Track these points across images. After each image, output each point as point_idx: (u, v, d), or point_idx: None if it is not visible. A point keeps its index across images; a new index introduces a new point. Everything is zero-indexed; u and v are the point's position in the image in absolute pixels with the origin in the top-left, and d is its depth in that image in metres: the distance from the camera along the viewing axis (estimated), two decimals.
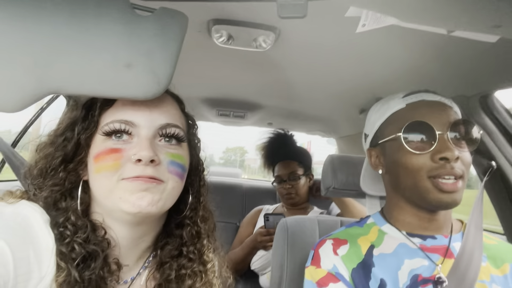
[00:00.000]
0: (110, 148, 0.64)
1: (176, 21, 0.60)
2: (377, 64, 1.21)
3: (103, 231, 0.66)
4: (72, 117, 0.69)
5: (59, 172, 0.66)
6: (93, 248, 0.63)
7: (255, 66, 1.40)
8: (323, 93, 1.69)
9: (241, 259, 1.90)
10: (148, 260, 0.76)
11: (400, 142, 0.84)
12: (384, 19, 0.79)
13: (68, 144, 0.67)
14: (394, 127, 0.87)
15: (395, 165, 0.87)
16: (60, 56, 0.54)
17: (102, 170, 0.63)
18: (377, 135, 0.94)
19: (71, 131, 0.68)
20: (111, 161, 0.63)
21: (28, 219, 0.59)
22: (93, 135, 0.67)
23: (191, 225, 0.77)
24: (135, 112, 0.66)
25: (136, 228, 0.69)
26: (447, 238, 0.87)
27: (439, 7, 0.63)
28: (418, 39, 0.96)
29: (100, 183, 0.64)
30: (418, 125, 0.83)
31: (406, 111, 0.88)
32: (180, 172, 0.68)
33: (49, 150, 0.68)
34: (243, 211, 2.50)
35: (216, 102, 2.06)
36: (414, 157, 0.82)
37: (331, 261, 0.89)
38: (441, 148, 0.80)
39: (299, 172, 2.03)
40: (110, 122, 0.65)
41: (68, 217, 0.64)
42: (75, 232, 0.62)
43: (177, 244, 0.75)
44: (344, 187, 1.25)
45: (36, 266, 0.56)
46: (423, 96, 0.89)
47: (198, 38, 1.14)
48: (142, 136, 0.65)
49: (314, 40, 1.08)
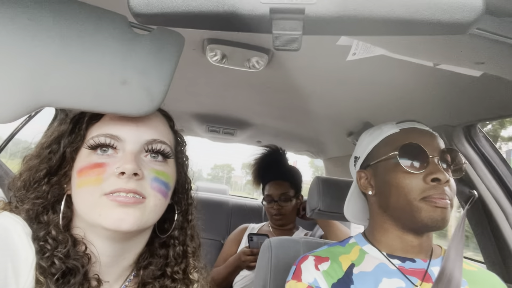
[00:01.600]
0: (94, 163, 0.63)
1: (173, 41, 0.61)
2: (366, 90, 1.24)
3: (84, 246, 0.65)
4: (60, 131, 0.69)
5: (42, 185, 0.66)
6: (73, 264, 0.61)
7: (247, 85, 1.42)
8: (313, 115, 1.72)
9: (224, 278, 1.87)
10: (129, 278, 0.74)
11: (394, 162, 0.88)
12: (373, 49, 0.82)
13: (53, 157, 0.67)
14: (388, 148, 0.91)
15: (387, 185, 0.89)
16: (56, 69, 0.55)
17: (84, 185, 0.63)
18: (369, 157, 0.98)
19: (57, 144, 0.67)
20: (94, 176, 0.62)
21: (8, 231, 0.58)
22: (79, 149, 0.67)
23: (178, 244, 0.76)
24: (122, 127, 0.65)
25: (117, 245, 0.67)
26: (425, 262, 0.89)
27: (425, 42, 0.67)
28: (406, 69, 1.00)
29: (82, 197, 0.63)
30: (413, 147, 0.87)
31: (400, 134, 0.92)
32: (163, 189, 0.67)
33: (34, 162, 0.67)
34: (228, 228, 2.48)
35: (206, 118, 2.07)
36: (407, 177, 0.85)
37: (312, 275, 0.90)
38: (433, 170, 0.84)
39: (290, 194, 2.00)
40: (95, 136, 0.65)
41: (49, 231, 0.62)
42: (56, 246, 0.61)
43: (160, 264, 0.74)
44: (330, 209, 1.26)
45: (13, 280, 0.54)
46: (415, 124, 0.94)
47: (193, 55, 1.15)
48: (127, 151, 0.64)
49: (306, 65, 1.11)
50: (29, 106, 0.53)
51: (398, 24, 0.38)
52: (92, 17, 0.57)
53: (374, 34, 0.47)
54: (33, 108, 0.54)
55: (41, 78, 0.53)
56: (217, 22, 0.39)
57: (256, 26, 0.39)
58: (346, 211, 1.10)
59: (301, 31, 0.38)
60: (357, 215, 1.10)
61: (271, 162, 2.15)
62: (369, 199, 0.99)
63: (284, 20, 0.37)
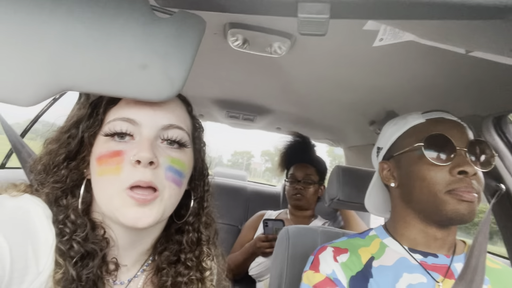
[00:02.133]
0: (112, 151, 0.63)
1: (194, 25, 0.60)
2: (391, 78, 1.20)
3: (103, 230, 0.66)
4: (78, 115, 0.69)
5: (61, 170, 0.66)
6: (91, 247, 0.62)
7: (268, 71, 1.40)
8: (334, 102, 1.68)
9: (240, 264, 1.89)
10: (147, 263, 0.75)
11: (419, 154, 0.85)
12: (402, 35, 0.78)
13: (72, 141, 0.67)
14: (413, 139, 0.88)
15: (411, 177, 0.87)
16: (76, 53, 0.54)
17: (105, 173, 0.63)
18: (393, 148, 0.95)
19: (75, 129, 0.67)
20: (114, 165, 0.62)
21: (29, 213, 0.59)
22: (97, 134, 0.66)
23: (192, 231, 0.76)
24: (138, 111, 0.65)
25: (134, 233, 0.68)
26: (448, 258, 0.87)
27: (458, 28, 0.63)
28: (436, 56, 0.95)
29: (102, 186, 0.63)
30: (439, 138, 0.83)
31: (425, 125, 0.89)
32: (177, 178, 0.66)
33: (54, 146, 0.68)
34: (246, 214, 2.49)
35: (226, 103, 2.06)
36: (432, 170, 0.82)
37: (330, 266, 0.89)
38: (460, 162, 0.80)
39: (313, 178, 2.04)
40: (112, 120, 0.64)
41: (68, 214, 0.63)
42: (75, 230, 0.62)
43: (175, 250, 0.74)
44: (349, 199, 1.24)
45: (33, 261, 0.55)
46: (442, 115, 0.90)
47: (214, 40, 1.14)
48: (143, 136, 0.64)
49: (330, 51, 1.07)
50: (50, 90, 0.53)
51: (432, 8, 0.35)
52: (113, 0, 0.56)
53: (405, 18, 0.44)
54: (53, 92, 0.53)
55: (62, 62, 0.53)
56: (240, 5, 0.37)
57: (281, 9, 0.37)
58: (367, 203, 1.08)
59: (328, 15, 0.36)
60: (379, 207, 1.08)
61: (300, 147, 2.20)
62: (391, 191, 0.96)
63: (310, 3, 0.35)
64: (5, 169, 1.81)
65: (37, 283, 0.55)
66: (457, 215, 0.79)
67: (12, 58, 0.52)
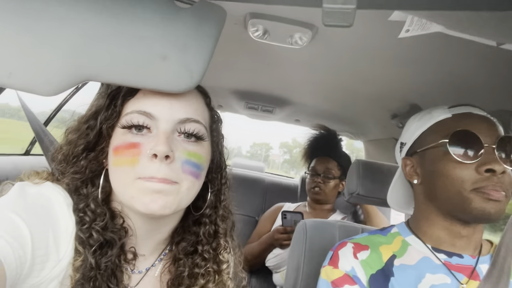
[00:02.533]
0: (129, 143, 0.63)
1: (215, 16, 0.59)
2: (416, 70, 1.16)
3: (122, 219, 0.67)
4: (97, 106, 0.69)
5: (80, 160, 0.67)
6: (110, 236, 0.63)
7: (288, 62, 1.38)
8: (355, 95, 1.65)
9: (257, 255, 1.90)
10: (164, 252, 0.76)
11: (444, 150, 0.82)
12: (429, 25, 0.75)
13: (91, 132, 0.67)
14: (437, 135, 0.84)
15: (435, 174, 0.84)
16: (97, 43, 0.54)
17: (120, 164, 0.63)
18: (417, 143, 0.91)
19: (94, 120, 0.68)
20: (130, 157, 0.62)
21: (50, 201, 0.60)
22: (115, 125, 0.67)
23: (209, 223, 0.76)
24: (155, 105, 0.64)
25: (152, 222, 0.69)
26: (474, 258, 0.84)
27: (490, 19, 0.60)
28: (463, 48, 0.92)
29: (117, 176, 0.64)
30: (465, 134, 0.80)
31: (452, 120, 0.85)
32: (195, 171, 0.66)
33: (73, 137, 0.69)
34: (264, 206, 2.50)
35: (245, 94, 2.05)
36: (458, 167, 0.79)
37: (350, 263, 0.87)
38: (488, 160, 0.77)
39: (334, 172, 2.01)
40: (129, 112, 0.65)
41: (88, 203, 0.64)
42: (94, 219, 0.63)
43: (192, 241, 0.75)
44: (369, 194, 1.22)
45: (54, 248, 0.56)
46: (470, 109, 0.86)
47: (234, 30, 1.13)
48: (160, 130, 0.63)
49: (353, 42, 1.05)
50: (71, 80, 0.53)
51: None
52: None
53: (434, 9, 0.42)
54: (74, 82, 0.54)
55: (82, 52, 0.53)
56: None
57: None
58: (390, 198, 1.06)
59: (355, 5, 0.34)
60: (401, 203, 1.06)
61: (324, 140, 2.16)
62: (415, 188, 0.93)
63: None
64: (30, 155, 1.86)
65: (57, 270, 0.57)
66: (483, 214, 0.76)
67: (35, 48, 0.52)
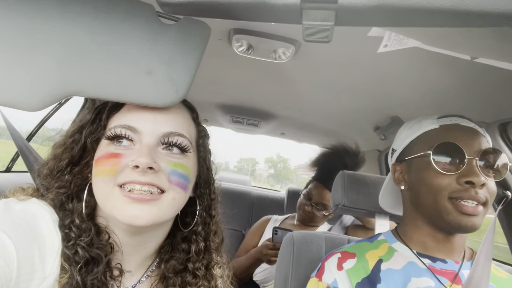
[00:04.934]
0: (110, 153, 0.63)
1: (199, 32, 0.60)
2: (396, 84, 1.20)
3: (107, 235, 0.66)
4: (83, 120, 0.69)
5: (65, 175, 0.66)
6: (96, 252, 0.62)
7: (272, 76, 1.40)
8: (338, 108, 1.68)
9: (245, 269, 1.87)
10: (151, 268, 0.75)
11: (428, 161, 0.84)
12: (406, 41, 0.78)
13: (75, 146, 0.67)
14: (424, 145, 0.88)
15: (418, 182, 0.87)
16: (82, 58, 0.55)
17: (100, 174, 0.63)
18: (405, 151, 0.94)
19: (79, 134, 0.68)
20: (109, 166, 0.62)
21: (36, 218, 0.59)
22: (100, 139, 0.67)
23: (201, 240, 0.75)
24: (140, 118, 0.64)
25: (136, 236, 0.68)
26: (457, 264, 0.86)
27: (463, 34, 0.63)
28: (440, 63, 0.95)
29: (98, 187, 0.63)
30: (449, 146, 0.83)
31: (438, 131, 0.88)
32: (182, 182, 0.65)
33: (58, 151, 0.68)
34: (250, 219, 2.49)
35: (230, 108, 2.06)
36: (439, 177, 0.82)
37: (333, 275, 0.89)
38: (468, 172, 0.79)
39: (328, 206, 1.90)
40: (113, 126, 0.64)
41: (73, 219, 0.63)
42: (79, 235, 0.62)
43: (182, 259, 0.73)
44: (354, 205, 1.23)
45: (40, 266, 0.55)
46: (458, 121, 0.89)
47: (219, 45, 1.14)
48: (143, 143, 0.63)
49: (334, 56, 1.08)
50: (57, 95, 0.53)
51: (438, 15, 0.35)
52: (119, 6, 0.56)
53: (410, 26, 0.44)
54: (60, 97, 0.54)
55: (68, 67, 0.53)
56: (245, 12, 0.38)
57: (286, 16, 0.37)
58: (381, 200, 1.10)
59: (333, 22, 0.36)
60: (390, 205, 1.10)
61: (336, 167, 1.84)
62: (403, 194, 0.97)
63: (315, 10, 0.35)
64: (11, 172, 1.83)
65: None
66: (460, 227, 0.79)
67: (19, 64, 0.52)
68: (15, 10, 0.52)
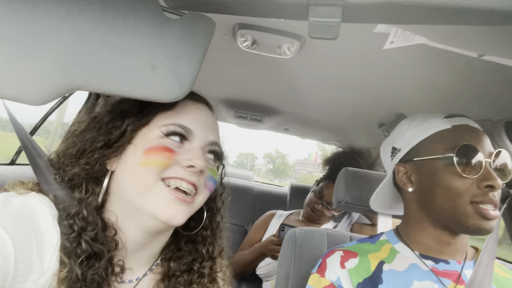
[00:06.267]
0: (164, 146, 0.65)
1: (204, 27, 0.59)
2: (401, 80, 1.19)
3: (114, 231, 0.66)
4: (122, 109, 0.70)
5: (95, 153, 0.66)
6: (99, 248, 0.62)
7: (277, 72, 1.39)
8: (343, 104, 1.67)
9: (248, 263, 1.88)
10: (152, 267, 0.75)
11: (446, 162, 0.82)
12: (412, 37, 0.77)
13: (115, 131, 0.67)
14: (439, 146, 0.85)
15: (433, 185, 0.84)
16: (86, 52, 0.54)
17: (148, 165, 0.64)
18: (414, 151, 0.91)
19: (120, 121, 0.68)
20: (162, 158, 0.64)
21: (35, 212, 0.59)
22: (140, 129, 0.68)
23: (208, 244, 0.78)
24: (195, 122, 0.69)
25: (153, 235, 0.69)
26: (460, 264, 0.85)
27: (470, 32, 0.62)
28: (447, 59, 0.94)
29: (139, 177, 0.64)
30: (469, 149, 0.81)
31: (452, 132, 0.85)
32: (212, 187, 0.72)
33: (92, 134, 0.68)
34: (253, 214, 2.49)
35: (234, 103, 2.06)
36: (460, 180, 0.80)
37: (336, 273, 0.88)
38: (488, 176, 0.78)
39: None
40: (171, 123, 0.67)
41: (80, 210, 0.63)
42: (85, 228, 0.61)
43: (187, 259, 0.76)
44: (357, 202, 1.23)
45: (38, 260, 0.55)
46: (467, 121, 0.87)
47: (223, 40, 1.14)
48: (195, 145, 0.68)
49: (339, 53, 1.07)
50: (60, 89, 0.53)
51: (445, 13, 0.35)
52: (124, 0, 0.56)
53: (417, 23, 0.43)
54: (64, 91, 0.54)
55: (72, 61, 0.53)
56: (251, 8, 0.37)
57: (292, 13, 0.37)
58: (372, 201, 1.07)
59: (340, 19, 0.35)
60: (381, 205, 1.09)
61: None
62: (406, 195, 0.93)
63: (322, 7, 0.35)
64: (15, 165, 1.84)
65: (41, 282, 0.55)
66: (480, 230, 0.78)
67: (23, 58, 0.52)
68: (20, 4, 0.52)
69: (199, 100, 0.76)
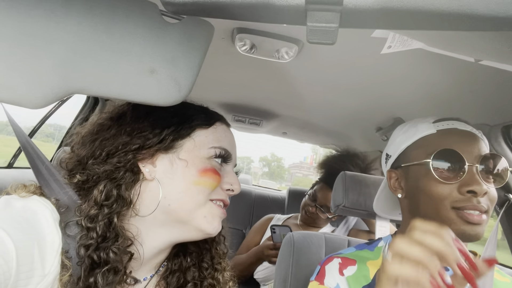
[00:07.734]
0: (214, 169, 0.71)
1: (202, 31, 0.60)
2: (399, 84, 1.19)
3: (129, 241, 0.66)
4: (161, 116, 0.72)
5: (128, 154, 0.68)
6: (113, 259, 0.62)
7: (275, 76, 1.40)
8: (341, 108, 1.68)
9: (246, 267, 1.87)
10: (159, 270, 0.77)
11: (427, 169, 0.81)
12: (410, 42, 0.78)
13: (152, 138, 0.70)
14: (421, 152, 0.84)
15: (417, 191, 0.83)
16: (85, 56, 0.54)
17: (203, 185, 0.69)
18: (401, 157, 0.91)
19: (159, 128, 0.71)
20: (212, 181, 0.70)
21: (36, 215, 0.58)
22: (177, 140, 0.71)
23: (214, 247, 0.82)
24: (232, 148, 0.76)
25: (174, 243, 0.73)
26: None
27: (467, 37, 0.62)
28: (444, 64, 0.95)
29: (193, 195, 0.68)
30: (449, 153, 0.79)
31: (436, 137, 0.84)
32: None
33: (125, 139, 0.69)
34: (251, 218, 2.49)
35: (233, 107, 2.06)
36: (440, 186, 0.79)
37: (335, 280, 0.87)
38: (470, 181, 0.76)
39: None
40: (219, 147, 0.73)
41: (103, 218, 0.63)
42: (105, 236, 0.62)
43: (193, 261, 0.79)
44: (355, 206, 1.23)
45: (39, 264, 0.55)
46: (455, 125, 0.86)
47: (222, 44, 1.14)
48: (230, 169, 0.76)
49: (338, 57, 1.07)
50: (59, 92, 0.53)
51: (443, 19, 0.35)
52: (123, 4, 0.56)
53: (415, 29, 0.44)
54: (63, 94, 0.54)
55: (71, 65, 0.53)
56: (249, 13, 0.37)
57: (290, 18, 0.37)
58: (376, 206, 1.08)
59: (338, 24, 0.35)
60: (386, 211, 1.08)
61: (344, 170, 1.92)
62: (400, 201, 0.93)
63: (320, 12, 0.35)
64: (13, 168, 1.83)
65: (43, 286, 0.55)
66: (463, 236, 0.76)
67: (22, 61, 0.52)
68: (18, 7, 0.52)
69: (228, 124, 0.82)
